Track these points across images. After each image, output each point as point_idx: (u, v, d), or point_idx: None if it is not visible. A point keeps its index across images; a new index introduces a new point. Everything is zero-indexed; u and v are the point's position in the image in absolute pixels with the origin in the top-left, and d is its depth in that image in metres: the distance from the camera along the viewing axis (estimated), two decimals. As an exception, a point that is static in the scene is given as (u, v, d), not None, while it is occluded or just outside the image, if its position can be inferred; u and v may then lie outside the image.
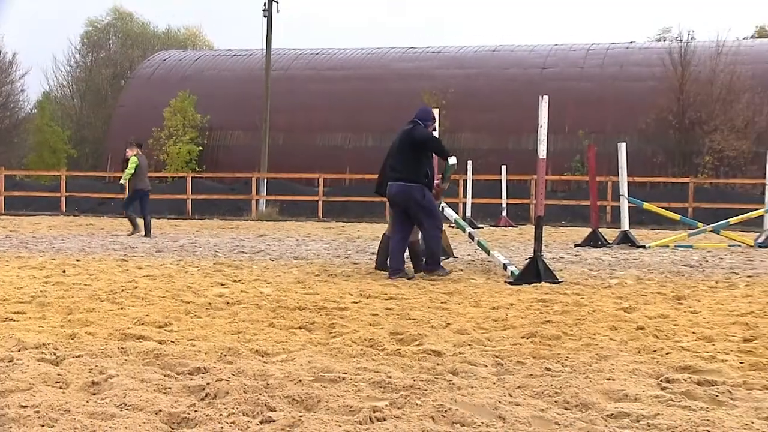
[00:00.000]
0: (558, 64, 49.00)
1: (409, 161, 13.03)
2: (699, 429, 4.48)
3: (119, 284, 10.90)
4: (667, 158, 43.15)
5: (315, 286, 11.33)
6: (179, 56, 57.87)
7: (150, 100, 51.07)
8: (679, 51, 44.96)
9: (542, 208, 12.89)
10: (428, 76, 48.80)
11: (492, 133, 45.17)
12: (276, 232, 26.23)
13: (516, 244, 21.55)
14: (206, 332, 7.45)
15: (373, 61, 52.21)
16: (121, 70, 70.48)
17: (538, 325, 8.08)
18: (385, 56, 52.75)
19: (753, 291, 11.34)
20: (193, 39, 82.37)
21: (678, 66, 44.43)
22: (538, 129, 12.71)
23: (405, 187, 12.96)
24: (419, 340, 7.22)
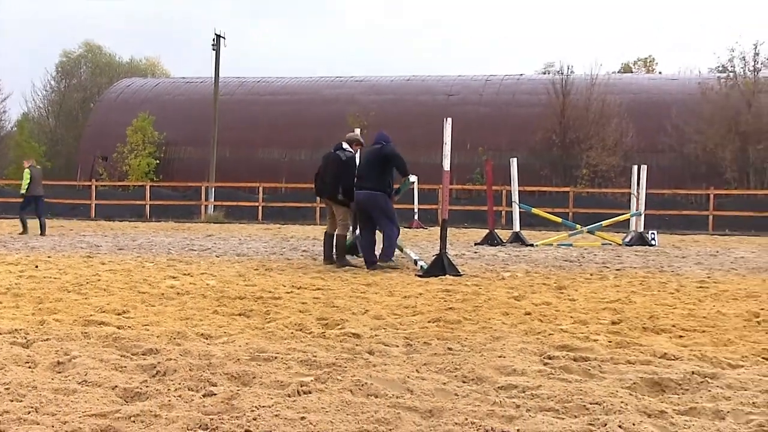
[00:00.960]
0: (461, 92, 49.25)
1: (376, 174, 13.29)
2: (573, 397, 4.50)
3: (85, 277, 10.71)
4: (552, 171, 43.60)
5: (254, 278, 11.25)
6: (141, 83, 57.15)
7: (115, 120, 50.36)
8: (561, 82, 45.49)
9: (447, 212, 12.93)
10: (352, 101, 48.77)
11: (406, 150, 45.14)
12: (222, 233, 25.99)
13: (426, 243, 21.61)
14: (159, 318, 7.34)
15: (306, 88, 52.05)
16: (90, 94, 69.53)
17: (443, 311, 8.08)
18: (316, 83, 52.63)
19: (620, 282, 11.49)
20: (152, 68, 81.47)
21: (560, 95, 44.94)
22: (443, 146, 12.75)
23: (371, 195, 13.27)
24: (341, 324, 7.18)
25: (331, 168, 13.84)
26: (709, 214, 36.47)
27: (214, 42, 46.54)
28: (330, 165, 13.89)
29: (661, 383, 4.93)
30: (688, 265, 15.19)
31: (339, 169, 13.77)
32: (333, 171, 13.80)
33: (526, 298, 9.39)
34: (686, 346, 6.33)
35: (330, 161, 13.94)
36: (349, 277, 11.81)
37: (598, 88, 44.95)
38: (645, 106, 44.96)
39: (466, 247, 20.32)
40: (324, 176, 13.94)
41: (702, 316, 7.93)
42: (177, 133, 49.40)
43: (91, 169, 49.77)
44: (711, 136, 41.31)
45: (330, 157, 14.01)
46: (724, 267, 14.76)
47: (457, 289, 10.13)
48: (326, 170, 13.92)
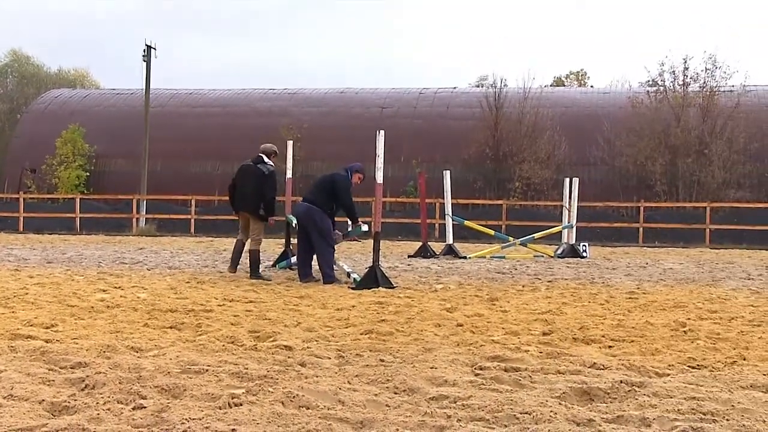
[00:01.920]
0: (395, 104, 49.38)
1: (322, 197, 13.31)
2: (504, 407, 4.56)
3: (12, 291, 10.53)
4: (485, 184, 43.90)
5: (185, 291, 11.17)
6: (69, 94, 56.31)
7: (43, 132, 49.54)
8: (494, 95, 45.86)
9: (380, 224, 12.98)
10: (286, 113, 48.62)
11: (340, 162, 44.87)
12: (154, 246, 25.73)
13: (359, 255, 21.64)
14: (88, 332, 7.26)
15: (238, 100, 51.76)
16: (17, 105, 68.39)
17: (375, 323, 8.11)
18: (249, 96, 52.37)
19: (552, 293, 11.63)
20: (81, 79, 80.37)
21: (493, 108, 45.29)
22: (376, 158, 12.81)
23: (309, 209, 13.27)
24: (273, 336, 7.17)
25: (252, 181, 13.80)
26: (639, 227, 37.09)
27: (145, 53, 46.13)
28: (250, 178, 13.86)
29: (590, 392, 5.01)
30: (618, 276, 15.43)
31: (261, 182, 13.77)
32: (254, 184, 13.77)
33: (459, 309, 9.46)
34: (615, 356, 6.45)
35: (250, 174, 13.89)
36: (281, 290, 11.79)
37: (531, 102, 45.41)
38: (577, 120, 45.55)
39: (399, 259, 20.39)
40: (242, 189, 13.87)
41: (631, 327, 8.07)
42: (108, 145, 48.77)
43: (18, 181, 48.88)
44: (641, 149, 42.00)
45: (249, 169, 13.94)
46: (653, 278, 15.03)
47: (389, 302, 10.17)
48: (245, 183, 13.86)
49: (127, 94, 54.34)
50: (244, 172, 14.01)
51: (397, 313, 9.06)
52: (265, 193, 13.78)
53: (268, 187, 13.78)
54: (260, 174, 13.80)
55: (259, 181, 13.75)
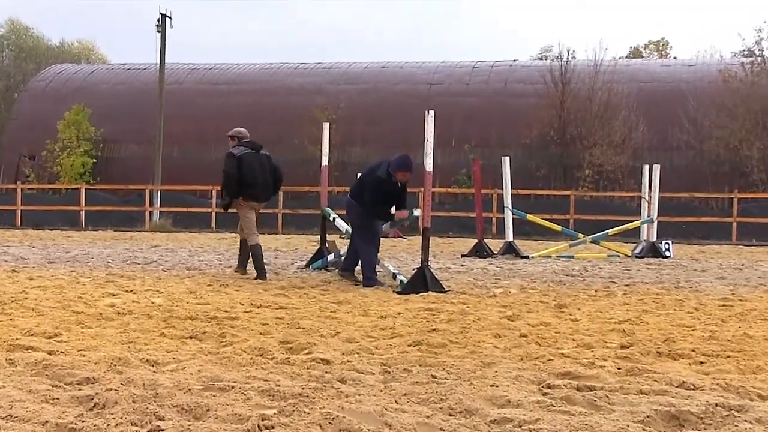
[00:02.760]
0: (445, 81, 49.33)
1: (358, 189, 13.62)
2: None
3: (9, 295, 10.63)
4: (550, 172, 43.74)
5: (207, 296, 11.21)
6: (73, 70, 56.86)
7: (44, 112, 50.05)
8: (560, 69, 45.64)
9: (429, 219, 12.95)
10: (319, 91, 48.75)
11: (381, 147, 45.20)
12: (169, 243, 25.92)
13: (405, 254, 21.63)
14: (96, 342, 7.30)
15: (266, 76, 51.95)
16: (14, 82, 69.08)
17: (425, 333, 8.08)
18: (278, 71, 52.54)
19: (630, 299, 11.53)
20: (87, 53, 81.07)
21: (558, 83, 45.09)
22: (424, 143, 12.77)
23: (348, 203, 13.75)
24: (308, 348, 7.17)
25: (267, 169, 14.61)
26: (733, 221, 36.63)
27: (159, 23, 46.42)
28: (264, 166, 14.60)
29: (679, 417, 4.95)
30: (708, 280, 15.28)
31: (270, 166, 14.67)
32: (269, 172, 14.62)
33: (522, 317, 9.41)
34: (708, 374, 6.36)
35: (262, 162, 14.62)
36: (317, 294, 11.81)
37: (604, 76, 45.11)
38: (657, 97, 45.17)
39: (451, 259, 20.36)
40: (258, 179, 14.47)
41: (726, 339, 7.97)
42: (117, 128, 49.17)
43: (16, 169, 49.47)
44: (735, 131, 41.50)
45: (260, 158, 14.69)
46: (750, 282, 14.86)
47: (441, 308, 10.15)
48: (260, 172, 14.52)
49: (138, 69, 54.76)
50: (254, 161, 14.57)
51: (450, 321, 9.04)
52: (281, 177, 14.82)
53: (279, 170, 14.84)
54: (268, 160, 14.74)
55: (272, 167, 14.68)
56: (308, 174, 43.44)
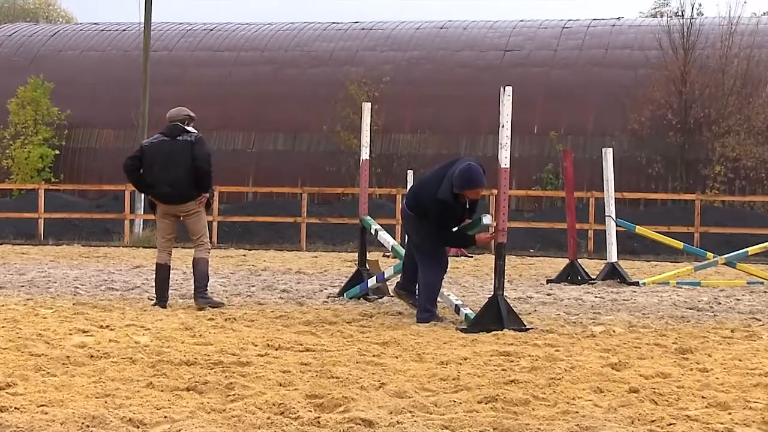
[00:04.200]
0: (524, 46, 49.19)
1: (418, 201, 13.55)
2: None
3: (-54, 331, 10.74)
4: (667, 168, 43.43)
5: (208, 333, 11.26)
6: (29, 31, 57.23)
7: (-10, 88, 50.50)
8: (681, 30, 45.36)
9: (504, 232, 12.92)
10: (356, 60, 48.75)
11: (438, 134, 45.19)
12: (156, 263, 26.02)
13: (471, 279, 21.59)
14: (63, 395, 7.34)
15: (284, 40, 52.02)
16: (-49, 48, 69.75)
17: (500, 386, 8.07)
18: (300, 34, 52.60)
19: (779, 342, 11.46)
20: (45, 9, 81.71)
21: (679, 49, 44.76)
22: (499, 130, 12.75)
23: (406, 214, 13.73)
24: (344, 405, 7.18)
25: (182, 160, 14.46)
26: None
27: (144, -33, 46.66)
28: (176, 157, 14.48)
29: None
30: None
31: (189, 155, 14.42)
32: (185, 164, 14.44)
33: (631, 366, 9.38)
34: None
35: (173, 151, 14.52)
36: (354, 331, 11.82)
37: (741, 39, 44.83)
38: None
39: (534, 285, 20.30)
40: (168, 175, 14.48)
41: None
42: (87, 109, 49.45)
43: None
44: None
45: (170, 146, 14.57)
46: None
47: (521, 352, 10.13)
48: (170, 166, 14.48)
49: (115, 30, 55.09)
50: (161, 151, 14.63)
51: (533, 370, 9.02)
52: (203, 168, 14.49)
53: (203, 159, 14.51)
54: (188, 146, 14.51)
55: (192, 156, 14.45)
56: (340, 171, 43.54)
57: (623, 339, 11.49)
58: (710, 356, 10.17)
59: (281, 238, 38.29)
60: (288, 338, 10.93)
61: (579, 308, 15.41)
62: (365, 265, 16.70)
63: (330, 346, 10.47)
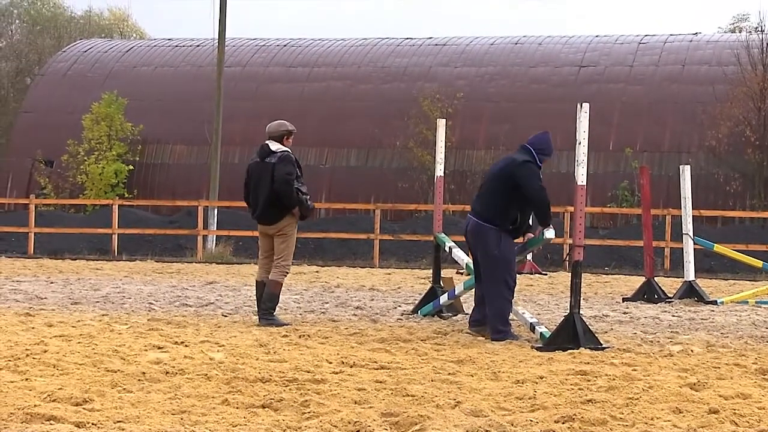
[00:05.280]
0: (600, 62, 49.03)
1: (495, 197, 13.46)
2: None
3: (23, 347, 10.83)
4: (745, 185, 43.09)
5: (282, 350, 11.29)
6: (104, 47, 57.70)
7: (65, 103, 50.90)
8: (760, 45, 45.06)
9: (581, 250, 12.88)
10: (429, 76, 48.79)
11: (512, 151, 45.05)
12: (230, 279, 26.14)
13: (545, 297, 21.51)
14: (139, 412, 7.39)
15: (357, 56, 52.16)
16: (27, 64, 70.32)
17: (577, 405, 8.05)
18: (374, 50, 52.72)
19: None
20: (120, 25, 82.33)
21: (758, 65, 44.46)
22: (576, 146, 12.71)
23: (477, 227, 13.54)
24: (420, 423, 7.18)
25: (264, 183, 14.84)
26: None
27: (218, -16, 46.91)
28: (261, 179, 14.89)
29: None
30: None
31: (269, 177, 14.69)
32: (266, 187, 14.80)
33: (710, 386, 9.32)
34: None
35: (259, 173, 14.95)
36: (428, 349, 11.82)
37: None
38: None
39: (609, 303, 20.21)
40: (255, 197, 15.08)
41: None
42: (160, 124, 49.79)
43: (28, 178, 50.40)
44: None
45: (257, 168, 15.03)
46: None
47: (598, 371, 10.10)
48: (257, 188, 14.99)
49: (189, 46, 55.44)
50: (254, 172, 15.14)
51: (610, 389, 8.99)
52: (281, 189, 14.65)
53: (280, 181, 14.62)
54: (271, 168, 14.75)
55: (270, 177, 14.72)
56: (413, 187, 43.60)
57: (702, 359, 11.41)
58: (793, 377, 10.11)
59: (354, 254, 38.36)
60: (362, 356, 10.95)
61: (656, 327, 15.34)
62: (439, 282, 16.72)
63: (405, 363, 10.48)
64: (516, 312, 14.11)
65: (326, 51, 53.16)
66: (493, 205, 13.35)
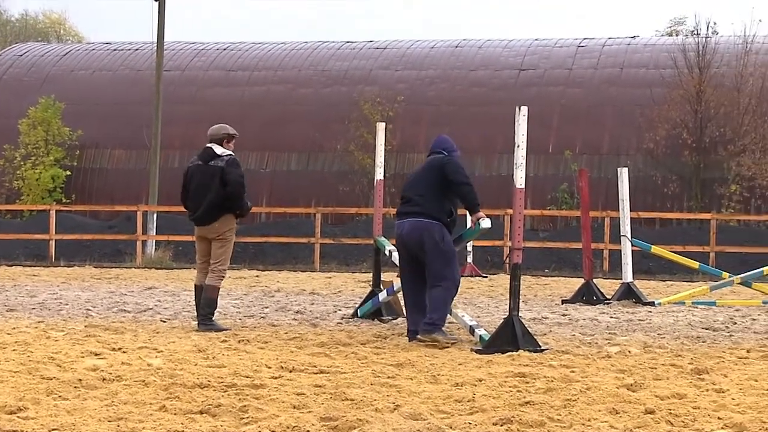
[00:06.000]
0: (539, 65, 49.20)
1: (431, 195, 13.40)
2: None
3: (-43, 354, 10.76)
4: (682, 187, 43.36)
5: (221, 355, 11.27)
6: (41, 51, 57.35)
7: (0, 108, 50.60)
8: (697, 48, 45.36)
9: (520, 252, 12.91)
10: (370, 80, 48.80)
11: (455, 154, 45.14)
12: (169, 284, 26.05)
13: (485, 299, 21.56)
14: (75, 419, 7.36)
15: (298, 60, 52.08)
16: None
17: (516, 407, 8.07)
18: (314, 54, 52.66)
19: (796, 363, 11.44)
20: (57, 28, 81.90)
21: (695, 68, 44.75)
22: (514, 150, 12.75)
23: (419, 225, 13.34)
24: (359, 427, 7.19)
25: (210, 184, 14.83)
26: None
27: (156, -13, 46.70)
28: (202, 182, 14.92)
29: None
30: None
31: (219, 180, 14.70)
32: (213, 187, 14.80)
33: (647, 387, 9.39)
34: None
35: (202, 176, 14.95)
36: (368, 352, 11.83)
37: (757, 58, 44.80)
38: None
39: (548, 305, 20.29)
40: (195, 199, 15.07)
41: None
42: (98, 129, 49.52)
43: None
44: None
45: (199, 171, 15.02)
46: None
47: (537, 373, 10.14)
48: (197, 191, 14.98)
49: (128, 50, 55.20)
50: (195, 175, 15.11)
51: (549, 391, 9.03)
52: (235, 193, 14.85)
53: (234, 184, 14.78)
54: (218, 172, 14.78)
55: (223, 181, 14.74)
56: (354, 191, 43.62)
57: (639, 360, 11.48)
58: (726, 377, 10.17)
59: (295, 258, 38.31)
60: (302, 360, 10.94)
61: (594, 329, 15.41)
62: (380, 285, 16.73)
63: (344, 367, 10.48)
64: (455, 315, 14.12)
65: (266, 55, 53.10)
66: (428, 200, 13.27)
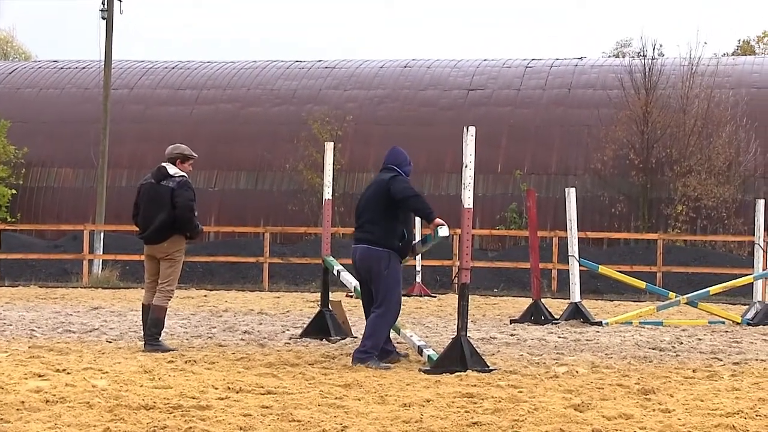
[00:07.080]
0: (488, 85, 49.32)
1: (379, 218, 13.37)
2: None
3: None
4: (629, 207, 43.55)
5: (167, 376, 11.20)
6: (-13, 69, 57.17)
7: (-54, 127, 50.29)
8: (643, 70, 45.60)
9: (468, 272, 12.91)
10: (319, 99, 48.77)
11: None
12: (116, 304, 25.92)
13: (434, 319, 21.57)
14: (18, 442, 7.29)
15: (246, 79, 52.02)
16: None
17: (464, 428, 8.07)
18: (263, 72, 52.63)
19: (741, 383, 11.48)
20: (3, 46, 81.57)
21: (641, 89, 44.98)
22: (462, 169, 12.75)
23: (368, 253, 13.37)
24: (306, 449, 7.15)
25: (155, 206, 14.83)
26: None
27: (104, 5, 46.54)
28: (153, 201, 14.87)
29: None
30: None
31: (169, 200, 14.70)
32: (163, 207, 14.77)
33: (593, 407, 9.40)
34: None
35: (153, 196, 14.89)
36: (315, 374, 11.79)
37: (702, 80, 45.10)
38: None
39: (497, 325, 20.32)
40: (146, 216, 14.99)
41: None
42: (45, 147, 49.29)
43: None
44: None
45: (151, 191, 14.95)
46: None
47: (484, 393, 10.14)
48: (147, 208, 14.95)
49: (75, 68, 54.98)
50: (146, 193, 15.05)
51: (496, 411, 9.03)
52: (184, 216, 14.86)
53: (183, 207, 14.81)
54: (169, 193, 14.77)
55: (172, 203, 14.74)
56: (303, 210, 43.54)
57: (586, 380, 11.51)
58: (672, 396, 10.20)
59: (243, 278, 38.19)
60: (249, 381, 10.90)
61: (542, 349, 15.45)
62: (328, 305, 16.71)
63: (292, 388, 10.45)
64: (404, 335, 14.12)
65: (215, 74, 53.02)
66: (379, 226, 13.28)
